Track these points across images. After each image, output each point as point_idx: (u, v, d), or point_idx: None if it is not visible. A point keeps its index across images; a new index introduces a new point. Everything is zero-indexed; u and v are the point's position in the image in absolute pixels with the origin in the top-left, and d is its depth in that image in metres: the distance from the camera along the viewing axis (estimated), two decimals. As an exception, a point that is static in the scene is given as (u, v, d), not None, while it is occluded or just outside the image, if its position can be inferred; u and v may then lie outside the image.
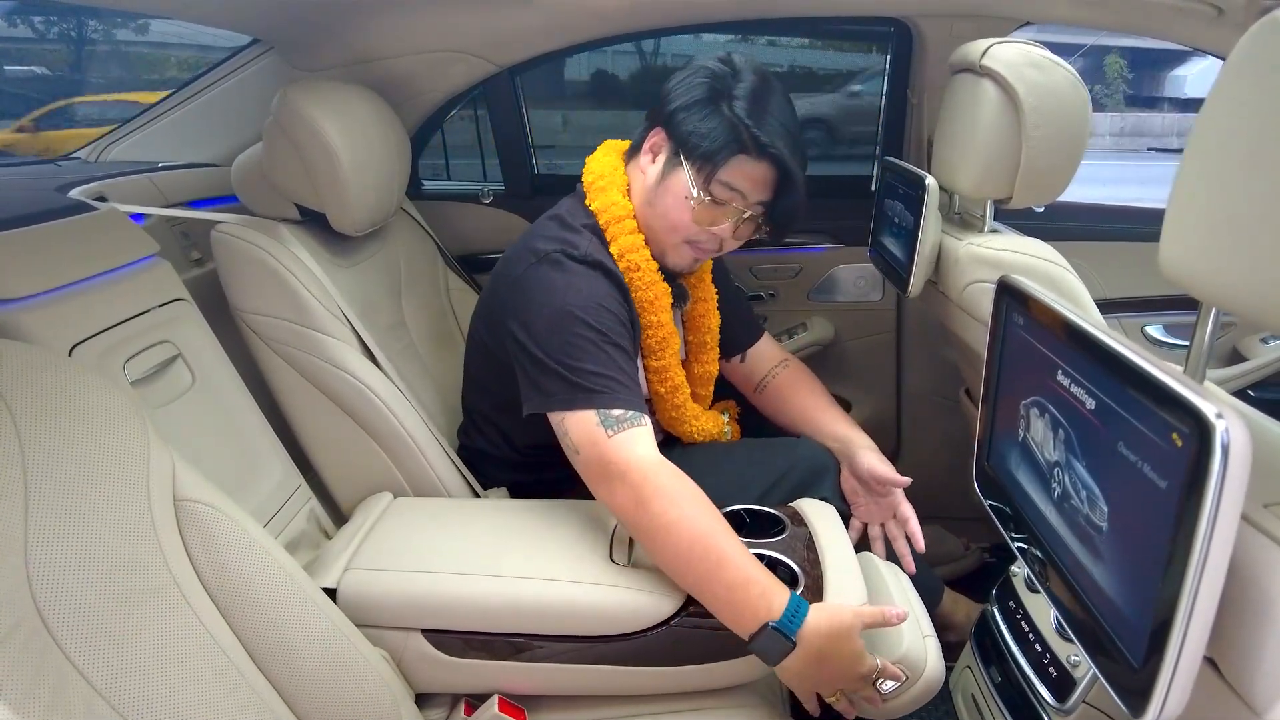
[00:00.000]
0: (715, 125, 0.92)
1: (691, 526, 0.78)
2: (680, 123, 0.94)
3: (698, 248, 0.99)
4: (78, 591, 0.55)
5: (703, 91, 0.94)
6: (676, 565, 0.79)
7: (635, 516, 0.80)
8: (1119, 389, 0.47)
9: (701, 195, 0.94)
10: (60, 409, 0.60)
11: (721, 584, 0.76)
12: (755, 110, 0.92)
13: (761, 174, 0.94)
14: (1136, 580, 0.46)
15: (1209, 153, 0.50)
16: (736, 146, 0.92)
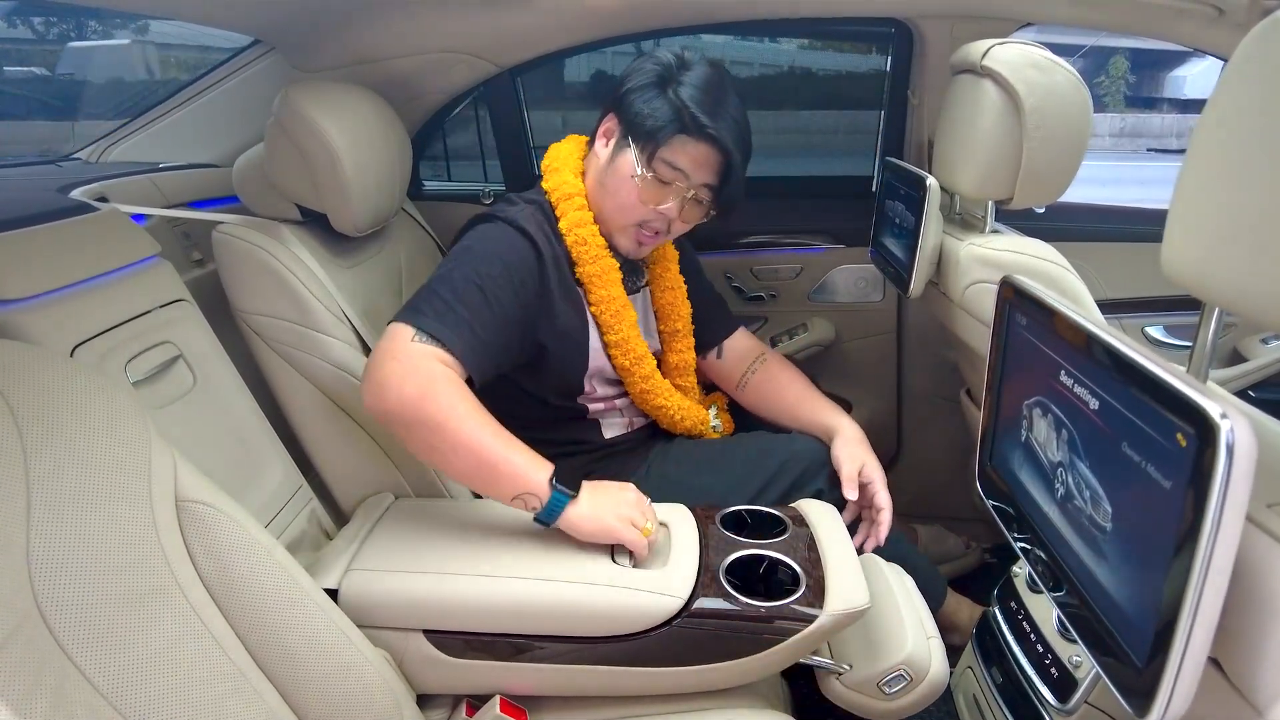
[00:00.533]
0: (659, 107, 0.98)
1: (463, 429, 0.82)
2: (628, 106, 1.00)
3: (645, 230, 1.03)
4: (79, 592, 0.55)
5: (651, 77, 0.99)
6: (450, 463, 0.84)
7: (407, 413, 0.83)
8: (1123, 389, 0.47)
9: (645, 173, 0.99)
10: (62, 410, 0.60)
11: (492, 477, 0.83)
12: (698, 95, 0.98)
13: (703, 155, 0.99)
14: (1140, 580, 0.46)
15: (1212, 153, 0.50)
16: (677, 126, 0.97)
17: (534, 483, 0.82)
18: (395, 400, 0.83)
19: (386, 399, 0.83)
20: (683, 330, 1.15)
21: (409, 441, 0.85)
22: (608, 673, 0.81)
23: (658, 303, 1.15)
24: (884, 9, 1.34)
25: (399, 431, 0.85)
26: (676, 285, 1.15)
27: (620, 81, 1.02)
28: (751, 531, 0.89)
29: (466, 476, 0.86)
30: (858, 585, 0.81)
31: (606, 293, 1.02)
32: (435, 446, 0.83)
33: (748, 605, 0.79)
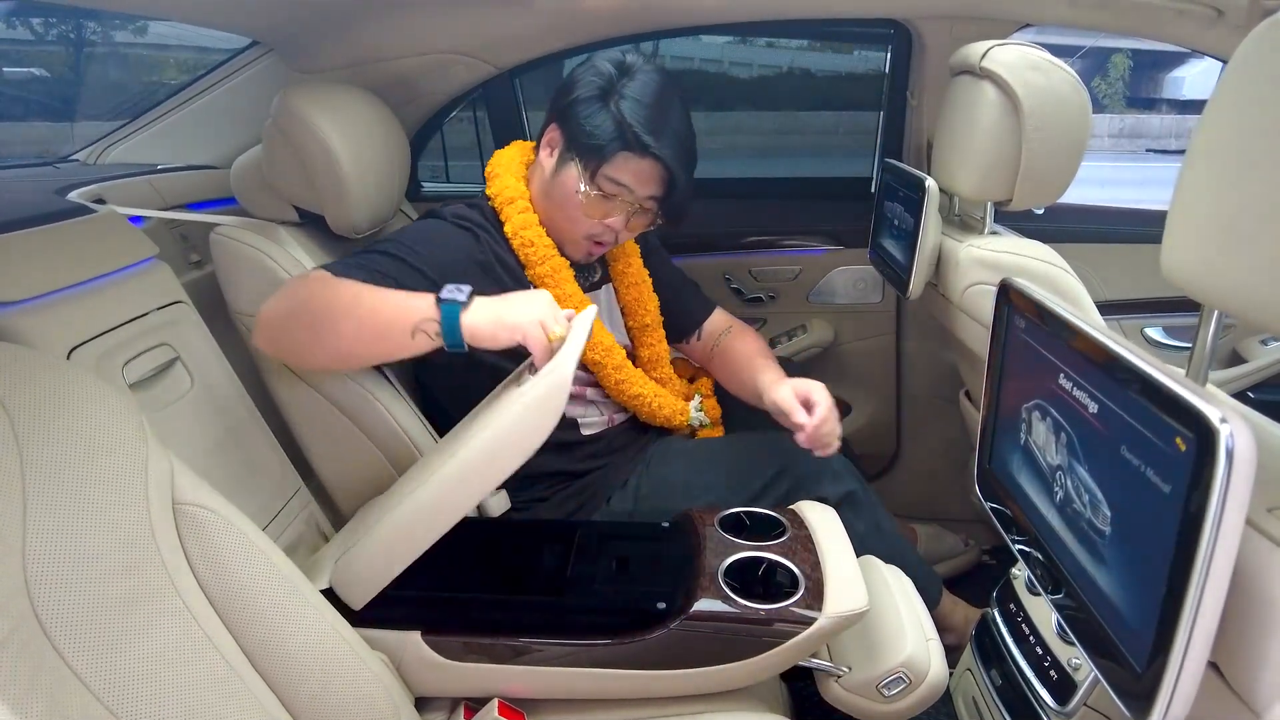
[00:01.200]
0: (601, 122, 0.97)
1: (339, 295, 0.83)
2: (570, 119, 0.99)
3: (594, 241, 1.04)
4: (76, 595, 0.55)
5: (592, 89, 0.98)
6: (338, 328, 0.83)
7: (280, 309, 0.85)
8: (1122, 392, 0.46)
9: (589, 190, 0.98)
10: (58, 412, 0.60)
11: (382, 324, 0.82)
12: (640, 109, 0.97)
13: (647, 170, 0.99)
14: (1140, 585, 0.45)
15: (1211, 155, 0.50)
16: (620, 144, 0.97)
17: (421, 308, 0.81)
18: (265, 313, 0.84)
19: (259, 320, 0.85)
20: (651, 324, 1.15)
21: (296, 344, 0.85)
22: (606, 675, 0.80)
23: (623, 299, 1.15)
24: (883, 10, 1.34)
25: (283, 341, 0.85)
26: (640, 280, 1.15)
27: (562, 90, 1.02)
28: (750, 533, 0.89)
29: (358, 340, 0.84)
30: (856, 587, 0.80)
31: (561, 291, 1.02)
32: (314, 326, 0.82)
33: (746, 608, 0.78)
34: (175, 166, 1.33)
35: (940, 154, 1.17)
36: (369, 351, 0.87)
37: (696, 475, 1.04)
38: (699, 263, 1.57)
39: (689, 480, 1.03)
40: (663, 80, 1.00)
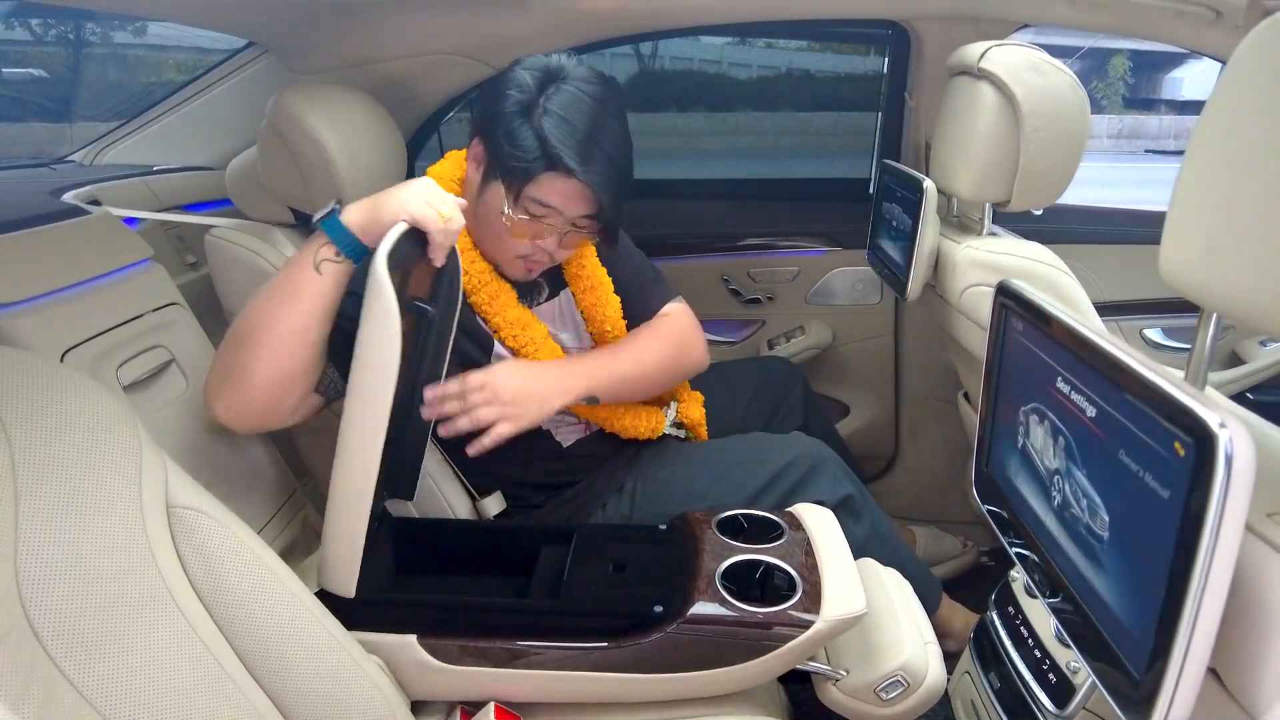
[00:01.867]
0: (523, 141, 0.88)
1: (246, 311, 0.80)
2: (492, 134, 0.91)
3: (529, 261, 0.96)
4: (68, 599, 0.55)
5: (514, 103, 0.90)
6: (258, 323, 0.79)
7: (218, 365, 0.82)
8: (1120, 396, 0.46)
9: (514, 213, 0.91)
10: (51, 415, 0.59)
11: (286, 286, 0.78)
12: (564, 127, 0.88)
13: (574, 190, 0.91)
14: (1138, 591, 0.45)
15: (1210, 156, 0.50)
16: (544, 164, 0.88)
17: (308, 250, 0.78)
18: (207, 386, 0.82)
19: (210, 401, 0.82)
20: (612, 331, 1.06)
21: (244, 379, 0.80)
22: (603, 679, 0.80)
23: (581, 304, 1.07)
24: (881, 11, 1.34)
25: (232, 387, 0.81)
26: (597, 284, 1.06)
27: (484, 101, 0.95)
28: (748, 536, 0.89)
29: (278, 314, 0.79)
30: (854, 590, 0.80)
31: (503, 318, 0.97)
32: (239, 342, 0.79)
33: (744, 611, 0.78)
34: (171, 168, 1.33)
35: (938, 155, 1.17)
36: (298, 318, 0.79)
37: (692, 480, 1.03)
38: (697, 264, 1.57)
39: (684, 485, 1.02)
40: (595, 89, 0.91)
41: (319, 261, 0.77)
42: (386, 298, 0.69)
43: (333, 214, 0.78)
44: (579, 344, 1.09)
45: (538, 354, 0.99)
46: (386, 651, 0.80)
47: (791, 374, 1.35)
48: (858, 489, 1.04)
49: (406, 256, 0.76)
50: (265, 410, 0.83)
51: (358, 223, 0.78)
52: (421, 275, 0.82)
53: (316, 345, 0.81)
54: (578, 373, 0.96)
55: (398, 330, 0.70)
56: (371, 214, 0.78)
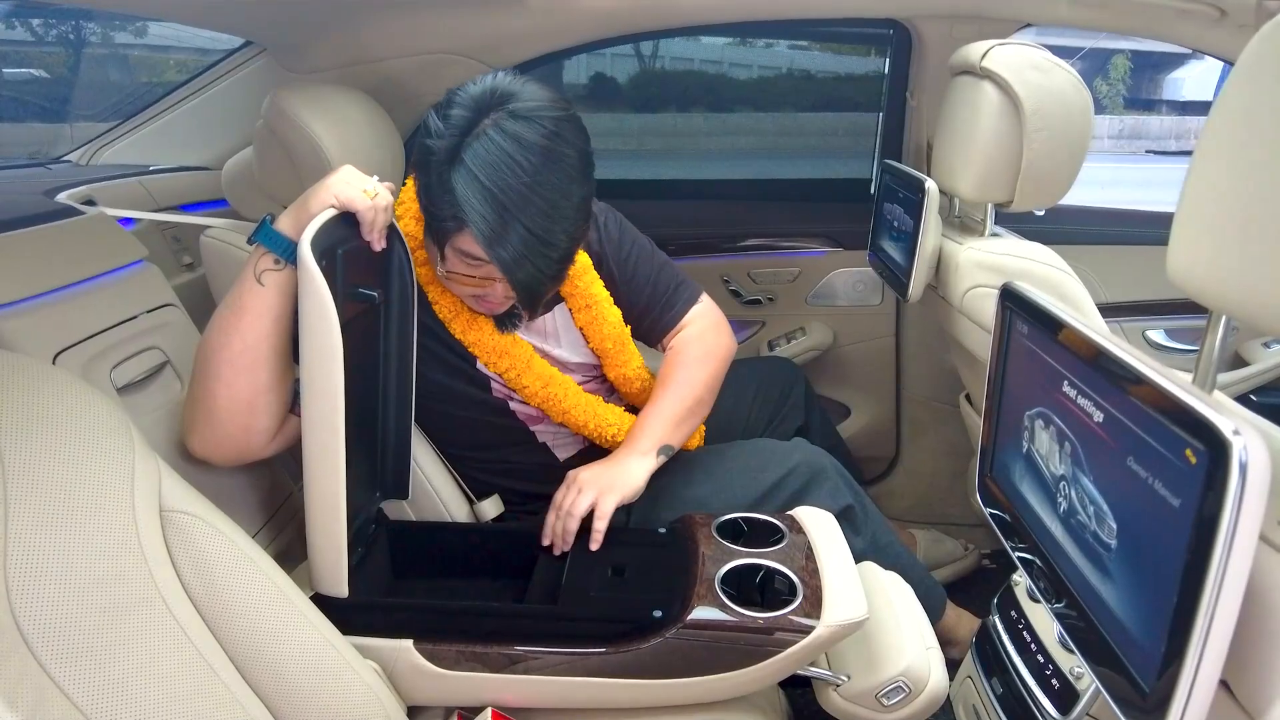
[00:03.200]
0: (438, 198, 0.80)
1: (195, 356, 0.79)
2: (419, 180, 0.84)
3: (485, 302, 0.90)
4: (58, 605, 0.54)
5: (422, 154, 0.82)
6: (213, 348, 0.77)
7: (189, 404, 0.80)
8: (1128, 402, 0.45)
9: (444, 269, 0.85)
10: (42, 417, 0.58)
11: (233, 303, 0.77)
12: (477, 191, 0.78)
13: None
14: (1147, 600, 0.44)
15: (1218, 157, 0.49)
16: (455, 225, 0.80)
17: (250, 261, 0.77)
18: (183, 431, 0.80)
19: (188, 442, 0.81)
20: (613, 348, 1.02)
21: (212, 407, 0.78)
22: (601, 684, 0.79)
23: (579, 322, 1.02)
24: (882, 10, 1.33)
25: (204, 418, 0.79)
26: (593, 301, 1.00)
27: (417, 136, 0.86)
28: (748, 540, 0.88)
29: (228, 332, 0.77)
30: (856, 595, 0.79)
31: (481, 346, 0.94)
32: (199, 373, 0.78)
33: (744, 616, 0.77)
34: (167, 168, 1.32)
35: (940, 155, 1.16)
36: (248, 335, 0.76)
37: (690, 487, 1.02)
38: (697, 264, 1.56)
39: (682, 492, 1.01)
40: (531, 134, 0.78)
41: (259, 273, 0.76)
42: (316, 284, 0.68)
43: (264, 224, 0.78)
44: (577, 357, 1.04)
45: (521, 377, 0.96)
46: (382, 656, 0.80)
47: (793, 374, 1.34)
48: (858, 499, 1.03)
49: (343, 243, 0.74)
50: (237, 438, 0.80)
51: (289, 225, 0.77)
52: (366, 263, 0.81)
53: (272, 360, 0.78)
54: (642, 445, 0.95)
55: (334, 317, 0.69)
56: (301, 212, 0.76)
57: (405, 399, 0.88)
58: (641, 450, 0.94)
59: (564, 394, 0.98)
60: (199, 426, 0.80)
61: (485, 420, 1.00)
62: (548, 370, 0.99)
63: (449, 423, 0.99)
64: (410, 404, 0.89)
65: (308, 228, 0.71)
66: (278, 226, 0.77)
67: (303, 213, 0.76)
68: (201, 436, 0.80)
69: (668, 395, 1.00)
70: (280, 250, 0.76)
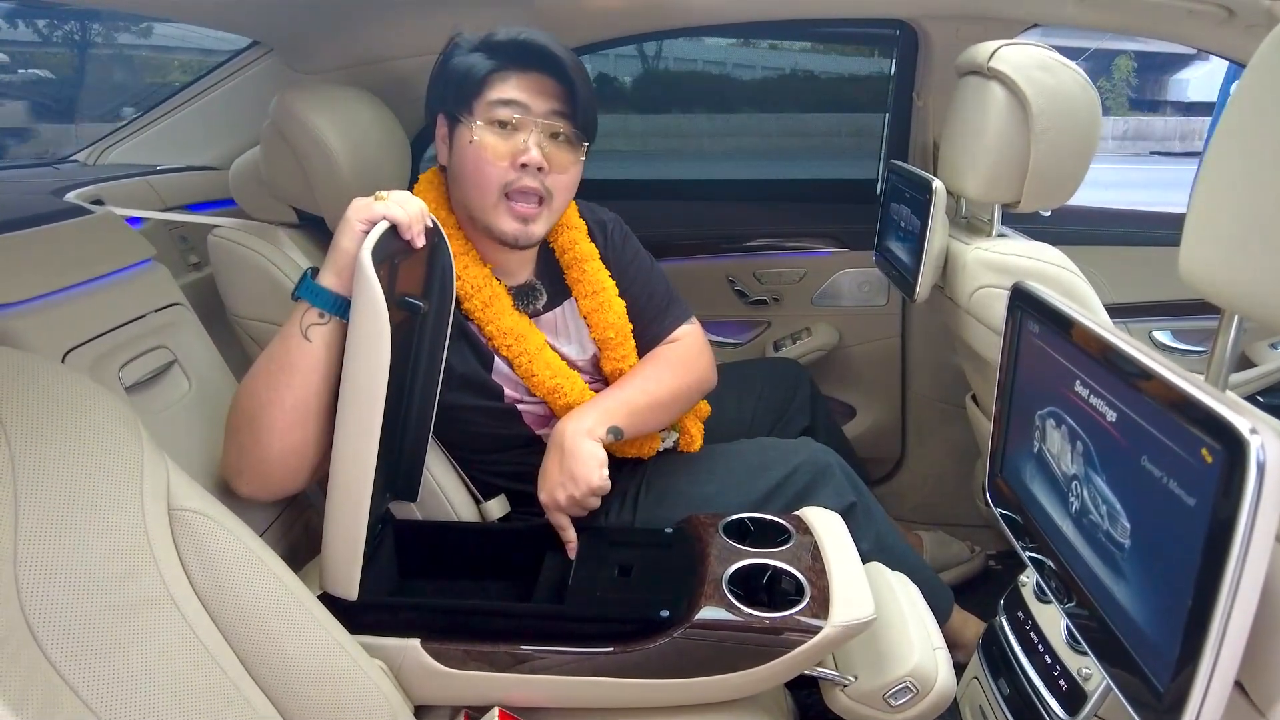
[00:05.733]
0: (459, 63, 0.90)
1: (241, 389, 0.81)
2: (438, 89, 0.93)
3: (518, 197, 0.91)
4: (68, 603, 0.54)
5: (438, 66, 0.93)
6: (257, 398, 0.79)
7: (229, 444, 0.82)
8: (1142, 401, 0.45)
9: (479, 125, 0.89)
10: (52, 416, 0.59)
11: (278, 357, 0.78)
12: (503, 33, 0.90)
13: (533, 83, 0.89)
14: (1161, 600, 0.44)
15: (1231, 157, 0.49)
16: (486, 67, 0.89)
17: (293, 320, 0.78)
18: (223, 468, 0.82)
19: (231, 483, 0.82)
20: (615, 337, 1.03)
21: (256, 457, 0.80)
22: (608, 684, 0.79)
23: (583, 310, 1.04)
24: (889, 10, 1.33)
25: (250, 465, 0.81)
26: (599, 289, 1.03)
27: (430, 87, 0.96)
28: (754, 540, 0.88)
29: (278, 387, 0.78)
30: (863, 595, 0.79)
31: (497, 326, 0.95)
32: (245, 423, 0.79)
33: (751, 616, 0.77)
34: (174, 167, 1.33)
35: (947, 155, 1.16)
36: (299, 391, 0.78)
37: (695, 486, 1.02)
38: (702, 265, 1.56)
39: (687, 491, 1.01)
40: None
41: (306, 328, 0.77)
42: (374, 293, 0.69)
43: (305, 279, 0.78)
44: (583, 355, 1.05)
45: (532, 364, 0.96)
46: (390, 655, 0.80)
47: (798, 375, 1.34)
48: (863, 498, 1.02)
49: (390, 254, 0.75)
50: (288, 479, 0.83)
51: (331, 278, 0.77)
52: (411, 272, 0.81)
53: (322, 412, 0.80)
54: (590, 412, 0.94)
55: (386, 331, 0.69)
56: (337, 258, 0.77)
57: (428, 405, 0.88)
58: (590, 431, 0.92)
59: (570, 388, 0.98)
60: (248, 475, 0.81)
61: (494, 425, 1.00)
62: (557, 362, 0.99)
63: (458, 429, 0.99)
64: (431, 411, 0.89)
65: (366, 240, 0.71)
66: (319, 281, 0.78)
67: (339, 256, 0.77)
68: (249, 481, 0.82)
69: (634, 382, 1.00)
70: (325, 304, 0.77)
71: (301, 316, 0.77)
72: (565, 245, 1.04)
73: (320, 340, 0.77)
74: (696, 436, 1.10)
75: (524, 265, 1.03)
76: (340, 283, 0.77)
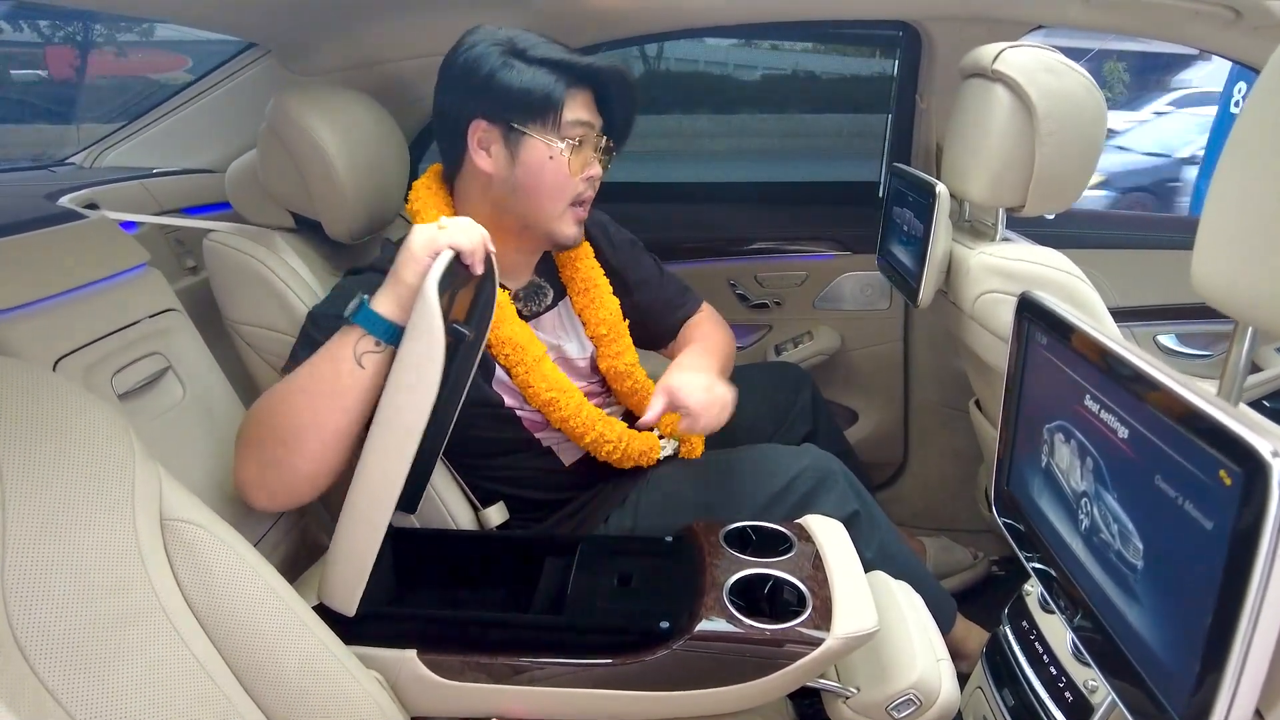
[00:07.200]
0: (534, 75, 0.91)
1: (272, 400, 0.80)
2: (498, 97, 0.92)
3: (578, 203, 0.97)
4: (56, 616, 0.53)
5: (495, 62, 0.92)
6: (300, 421, 0.78)
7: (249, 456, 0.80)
8: (1156, 418, 0.43)
9: (563, 147, 0.93)
10: (41, 425, 0.58)
11: (327, 382, 0.77)
12: (553, 49, 0.93)
13: (590, 100, 0.96)
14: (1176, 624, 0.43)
15: (1245, 165, 0.48)
16: (566, 82, 0.92)
17: (345, 340, 0.77)
18: (240, 474, 0.81)
19: (243, 488, 0.81)
20: (609, 333, 1.05)
21: (289, 472, 0.79)
22: (607, 696, 0.78)
23: (577, 305, 1.06)
24: (892, 11, 1.32)
25: (275, 478, 0.80)
26: (591, 285, 1.06)
27: (453, 86, 0.95)
28: (756, 548, 0.87)
29: (323, 410, 0.78)
30: (866, 607, 0.78)
31: (497, 334, 0.95)
32: (280, 437, 0.78)
33: (752, 628, 0.76)
34: (171, 170, 1.31)
35: (951, 159, 1.15)
36: (346, 416, 0.79)
37: (696, 493, 1.01)
38: (704, 268, 1.55)
39: (689, 498, 1.00)
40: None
41: (361, 355, 0.77)
42: (436, 327, 0.69)
43: (362, 305, 0.78)
44: (583, 354, 1.06)
45: (529, 374, 0.96)
46: (386, 666, 0.79)
47: (800, 379, 1.33)
48: (866, 506, 1.01)
49: (450, 284, 0.75)
50: (308, 495, 0.83)
51: (391, 306, 0.77)
52: (461, 298, 0.81)
53: (358, 436, 0.80)
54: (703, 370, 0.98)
55: (441, 358, 0.70)
56: (398, 288, 0.77)
57: (445, 427, 0.88)
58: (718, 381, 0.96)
59: (566, 401, 0.98)
60: (270, 489, 0.81)
61: (492, 429, 1.00)
62: (556, 374, 0.99)
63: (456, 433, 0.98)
64: (447, 432, 0.88)
65: (432, 271, 0.71)
66: (377, 308, 0.77)
67: (400, 288, 0.77)
68: (270, 498, 0.82)
69: (707, 349, 1.07)
70: (383, 334, 0.77)
71: (356, 342, 0.77)
72: None
73: (372, 367, 0.77)
74: (698, 443, 1.09)
75: (526, 267, 1.05)
76: (399, 313, 0.77)
